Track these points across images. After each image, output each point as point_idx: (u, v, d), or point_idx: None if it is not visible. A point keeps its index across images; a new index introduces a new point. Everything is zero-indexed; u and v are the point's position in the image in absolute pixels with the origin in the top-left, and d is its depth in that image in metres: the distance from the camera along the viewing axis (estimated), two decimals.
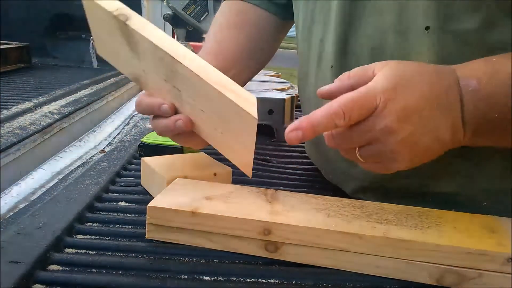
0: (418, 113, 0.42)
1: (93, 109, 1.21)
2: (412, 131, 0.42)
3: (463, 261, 0.41)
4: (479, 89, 0.42)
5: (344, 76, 0.45)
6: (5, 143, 0.78)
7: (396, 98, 0.41)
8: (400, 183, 0.54)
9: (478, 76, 0.43)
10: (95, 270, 0.42)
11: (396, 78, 0.42)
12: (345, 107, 0.40)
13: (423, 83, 0.42)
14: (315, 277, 0.43)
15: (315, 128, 0.41)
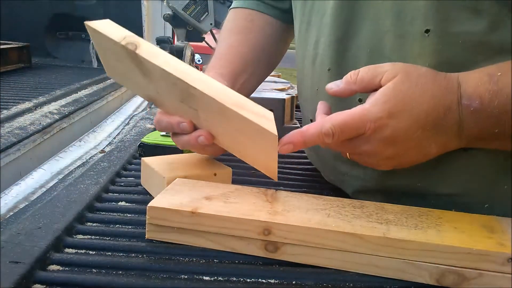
0: (408, 137, 0.44)
1: (93, 109, 1.21)
2: (398, 151, 0.45)
3: (463, 261, 0.41)
4: (480, 109, 0.43)
5: (351, 79, 0.46)
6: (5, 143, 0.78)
7: (387, 125, 0.43)
8: (401, 184, 0.54)
9: (481, 95, 0.43)
10: (95, 270, 0.42)
11: (394, 102, 0.43)
12: (336, 128, 0.44)
13: (422, 107, 0.43)
14: (315, 277, 0.42)
15: (306, 144, 0.46)
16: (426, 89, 0.44)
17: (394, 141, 0.44)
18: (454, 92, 0.44)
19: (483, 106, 0.43)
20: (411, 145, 0.45)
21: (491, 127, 0.44)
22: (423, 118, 0.43)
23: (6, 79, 1.42)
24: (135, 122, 1.02)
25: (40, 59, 1.86)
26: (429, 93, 0.43)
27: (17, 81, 1.43)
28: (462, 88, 0.44)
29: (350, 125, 0.44)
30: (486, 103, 0.43)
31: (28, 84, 1.39)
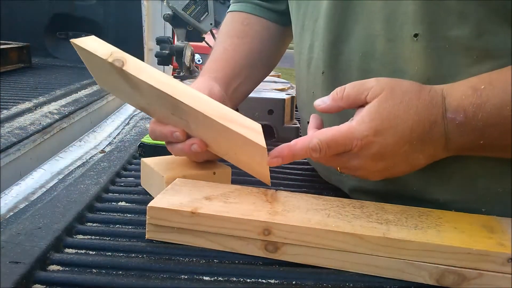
0: (395, 152, 0.45)
1: (93, 109, 1.21)
2: (387, 165, 0.47)
3: (463, 261, 0.41)
4: (465, 122, 0.44)
5: (337, 96, 0.47)
6: (5, 143, 0.78)
7: (374, 142, 0.45)
8: (397, 188, 0.54)
9: (465, 108, 0.44)
10: (95, 270, 0.42)
11: (379, 120, 0.45)
12: (323, 144, 0.46)
13: (407, 123, 0.44)
14: (315, 277, 0.42)
15: (295, 157, 0.48)
16: (411, 105, 0.45)
17: (382, 156, 0.46)
18: (439, 106, 0.45)
19: (468, 119, 0.44)
20: (399, 159, 0.46)
21: (476, 139, 0.45)
22: (408, 134, 0.45)
23: (6, 79, 1.42)
24: (135, 122, 1.02)
25: (40, 59, 1.86)
26: (414, 109, 0.45)
27: (17, 81, 1.43)
28: (447, 101, 0.45)
29: (337, 142, 0.45)
30: (470, 116, 0.44)
31: (28, 84, 1.39)
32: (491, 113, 0.43)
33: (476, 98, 0.44)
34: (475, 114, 0.44)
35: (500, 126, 0.44)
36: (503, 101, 0.43)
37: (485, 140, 0.45)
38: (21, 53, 1.70)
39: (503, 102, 0.43)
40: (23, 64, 1.70)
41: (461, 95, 0.45)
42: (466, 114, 0.44)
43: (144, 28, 1.81)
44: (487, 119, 0.44)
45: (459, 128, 0.45)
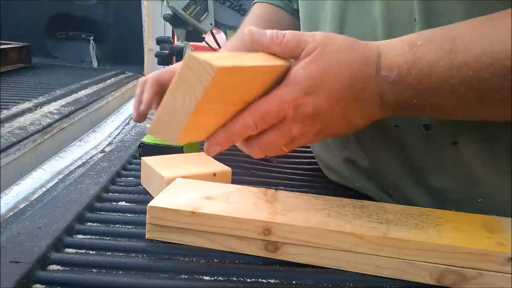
0: (329, 112, 0.43)
1: (93, 109, 1.21)
2: (324, 125, 0.44)
3: (463, 261, 0.41)
4: (398, 80, 0.43)
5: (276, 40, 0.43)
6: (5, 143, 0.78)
7: (306, 103, 0.42)
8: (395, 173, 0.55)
9: (399, 65, 0.42)
10: (95, 270, 0.42)
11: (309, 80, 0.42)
12: (258, 119, 0.42)
13: (338, 82, 0.42)
14: (315, 277, 0.43)
15: (231, 141, 0.44)
16: (344, 63, 0.42)
17: (318, 117, 0.43)
18: (372, 64, 0.43)
19: (401, 77, 0.42)
20: (335, 119, 0.44)
21: (409, 97, 0.43)
22: (340, 93, 0.42)
23: (6, 79, 1.42)
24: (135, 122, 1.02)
25: (40, 59, 1.86)
26: (347, 67, 0.42)
27: (17, 81, 1.43)
28: (382, 59, 0.43)
29: (269, 112, 0.42)
30: (404, 74, 0.42)
31: (28, 84, 1.39)
32: (424, 70, 0.42)
33: (412, 54, 0.42)
34: (408, 71, 0.42)
35: (433, 84, 0.42)
36: (438, 58, 0.41)
37: (418, 99, 0.43)
38: (21, 53, 1.70)
39: (437, 59, 0.41)
40: (23, 64, 1.70)
41: (396, 52, 0.43)
42: (399, 72, 0.42)
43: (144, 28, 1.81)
44: (420, 76, 0.42)
45: (392, 87, 0.43)
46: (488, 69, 0.40)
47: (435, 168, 0.52)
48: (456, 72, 0.41)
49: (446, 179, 0.52)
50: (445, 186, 0.52)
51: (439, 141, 0.51)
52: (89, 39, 1.89)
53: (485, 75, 0.40)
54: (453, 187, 0.52)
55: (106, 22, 1.94)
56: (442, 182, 0.52)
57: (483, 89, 0.40)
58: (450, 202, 0.52)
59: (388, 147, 0.55)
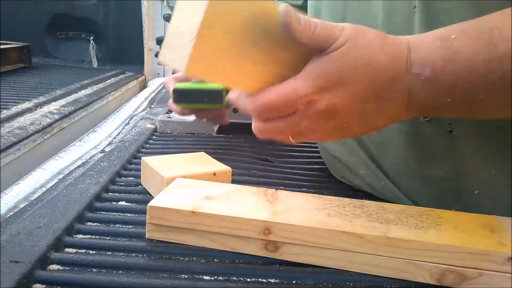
0: (347, 111, 0.41)
1: (93, 109, 1.21)
2: (339, 124, 0.42)
3: (464, 261, 0.41)
4: (432, 78, 0.39)
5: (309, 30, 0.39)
6: (5, 143, 0.78)
7: (319, 100, 0.40)
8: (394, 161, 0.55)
9: (433, 62, 0.39)
10: (95, 270, 0.42)
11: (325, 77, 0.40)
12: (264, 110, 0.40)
13: (361, 80, 0.40)
14: (315, 276, 0.42)
15: None
16: (371, 60, 0.40)
17: (332, 114, 0.41)
18: (402, 60, 0.40)
19: (436, 74, 0.39)
20: (352, 118, 0.41)
21: (443, 96, 0.40)
22: (361, 91, 0.40)
23: (6, 79, 1.42)
24: (135, 122, 1.02)
25: (40, 59, 1.86)
26: (374, 64, 0.40)
27: (17, 81, 1.43)
28: (412, 55, 0.40)
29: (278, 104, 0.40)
30: (439, 70, 0.39)
31: (28, 84, 1.39)
32: (461, 65, 0.39)
33: (446, 49, 0.39)
34: (444, 67, 0.39)
35: (471, 79, 0.39)
36: (476, 51, 0.38)
37: (452, 99, 0.40)
38: (21, 53, 1.70)
39: (475, 52, 0.38)
40: (23, 64, 1.70)
41: (428, 47, 0.40)
42: (434, 69, 0.39)
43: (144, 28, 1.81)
44: (458, 71, 0.39)
45: (425, 85, 0.40)
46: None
47: (431, 157, 0.52)
48: (496, 64, 0.37)
49: (443, 168, 0.51)
50: (442, 176, 0.52)
51: (436, 130, 0.50)
52: (89, 39, 1.89)
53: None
54: (450, 177, 0.51)
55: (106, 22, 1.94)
56: (439, 172, 0.52)
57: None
58: (447, 193, 0.52)
59: (385, 135, 0.54)
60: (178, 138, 0.91)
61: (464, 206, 0.51)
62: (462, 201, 0.50)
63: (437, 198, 0.53)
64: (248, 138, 0.91)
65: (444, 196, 0.52)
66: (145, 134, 0.91)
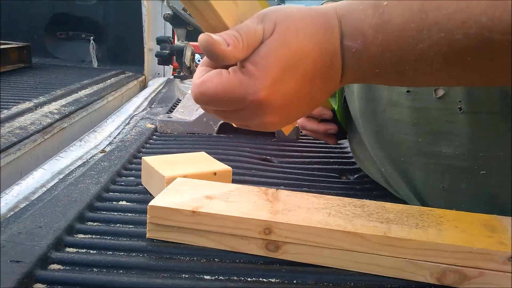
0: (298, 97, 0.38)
1: (93, 109, 1.21)
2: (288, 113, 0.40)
3: (464, 260, 0.41)
4: (362, 49, 0.37)
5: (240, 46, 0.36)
6: (5, 143, 0.78)
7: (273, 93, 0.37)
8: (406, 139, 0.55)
9: (364, 32, 0.37)
10: (95, 270, 0.42)
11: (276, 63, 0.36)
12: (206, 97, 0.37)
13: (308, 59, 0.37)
14: (316, 276, 0.43)
15: None
16: (309, 34, 0.37)
17: (286, 107, 0.38)
18: (336, 32, 0.37)
19: (366, 45, 0.37)
20: (302, 102, 0.39)
21: (370, 67, 0.38)
22: (310, 71, 0.37)
23: (6, 79, 1.42)
24: (136, 122, 1.02)
25: (40, 59, 1.86)
26: (313, 39, 0.37)
27: (17, 81, 1.43)
28: (343, 24, 0.38)
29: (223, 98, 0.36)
30: (369, 42, 0.37)
31: (28, 84, 1.39)
32: (392, 35, 0.36)
33: (377, 18, 0.37)
34: (374, 38, 0.37)
35: (400, 50, 0.37)
36: (407, 19, 0.36)
37: (380, 68, 0.38)
38: (21, 53, 1.70)
39: (406, 20, 0.36)
40: (23, 64, 1.70)
41: (358, 16, 0.37)
42: (364, 40, 0.37)
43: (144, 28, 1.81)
44: (387, 43, 0.37)
45: (356, 57, 0.38)
46: (461, 29, 0.35)
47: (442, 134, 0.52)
48: (426, 34, 0.36)
49: (452, 146, 0.51)
50: (451, 153, 0.51)
51: (447, 107, 0.50)
52: (89, 39, 1.89)
53: (458, 35, 0.35)
54: (458, 155, 0.51)
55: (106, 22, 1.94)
56: (448, 149, 0.51)
57: (454, 52, 0.36)
58: (454, 171, 0.52)
59: (396, 111, 0.54)
60: (178, 138, 0.92)
61: (469, 186, 0.51)
62: (468, 180, 0.50)
63: (443, 176, 0.53)
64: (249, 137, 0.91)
65: (451, 175, 0.52)
66: (145, 134, 0.91)
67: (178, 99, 1.29)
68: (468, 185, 0.51)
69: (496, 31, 0.34)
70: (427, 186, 0.55)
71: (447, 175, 0.53)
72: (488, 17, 0.34)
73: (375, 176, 0.69)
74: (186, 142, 0.89)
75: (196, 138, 0.91)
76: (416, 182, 0.56)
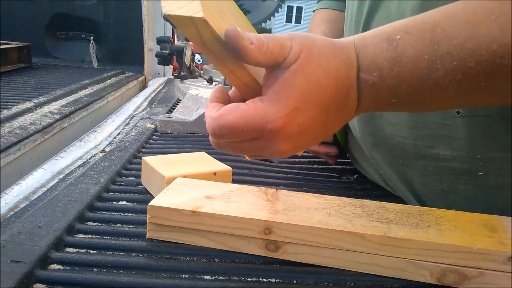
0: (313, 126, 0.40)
1: (93, 109, 1.21)
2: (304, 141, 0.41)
3: (464, 260, 0.41)
4: (379, 82, 0.39)
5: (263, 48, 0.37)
6: (5, 143, 0.78)
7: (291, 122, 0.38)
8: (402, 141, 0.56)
9: (380, 66, 0.39)
10: (96, 270, 0.42)
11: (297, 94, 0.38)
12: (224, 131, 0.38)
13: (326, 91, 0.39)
14: (315, 276, 0.43)
15: None
16: (329, 69, 0.38)
17: (301, 134, 0.39)
18: (353, 66, 0.39)
19: (382, 78, 0.39)
20: (317, 131, 0.41)
21: (388, 98, 0.40)
22: (327, 103, 0.39)
23: (6, 79, 1.42)
24: (136, 122, 1.02)
25: (40, 59, 1.86)
26: (332, 73, 0.39)
27: (17, 81, 1.43)
28: (360, 59, 0.39)
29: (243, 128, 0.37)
30: (385, 74, 0.39)
31: (28, 84, 1.39)
32: (406, 67, 0.38)
33: (392, 51, 0.38)
34: (390, 70, 0.38)
35: (415, 80, 0.38)
36: (420, 51, 0.38)
37: (397, 99, 0.40)
38: (21, 53, 1.70)
39: (420, 52, 0.38)
40: (23, 64, 1.70)
41: (374, 50, 0.39)
42: (380, 73, 0.39)
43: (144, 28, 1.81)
44: (402, 75, 0.38)
45: (372, 89, 0.39)
46: (473, 57, 0.36)
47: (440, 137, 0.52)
48: (440, 64, 0.37)
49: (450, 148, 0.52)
50: (449, 156, 0.52)
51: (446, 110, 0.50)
52: (89, 39, 1.89)
53: (470, 63, 0.37)
54: (456, 157, 0.52)
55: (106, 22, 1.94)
56: (446, 152, 0.52)
57: (467, 79, 0.37)
58: (452, 173, 0.52)
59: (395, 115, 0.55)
60: (178, 138, 0.92)
61: (467, 187, 0.51)
62: (466, 182, 0.50)
63: (441, 178, 0.53)
64: None
65: (449, 176, 0.53)
66: (145, 134, 0.91)
67: (178, 99, 1.29)
68: (466, 186, 0.52)
69: (507, 57, 0.36)
70: (425, 188, 0.56)
71: (445, 177, 0.53)
72: (498, 44, 0.36)
73: (373, 178, 0.69)
74: (186, 142, 0.89)
75: (196, 138, 0.91)
76: (415, 184, 0.57)
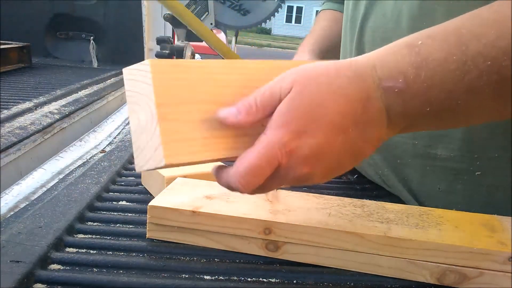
0: (331, 147, 0.38)
1: (93, 109, 1.21)
2: (329, 164, 0.39)
3: (464, 260, 0.41)
4: (406, 88, 0.37)
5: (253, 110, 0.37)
6: (5, 142, 0.78)
7: (300, 145, 0.37)
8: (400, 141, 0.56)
9: (404, 71, 0.37)
10: (96, 269, 0.42)
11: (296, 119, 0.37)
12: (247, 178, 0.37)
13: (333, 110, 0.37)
14: (316, 276, 0.42)
15: None
16: (332, 89, 0.37)
17: (318, 156, 0.38)
18: (368, 77, 0.38)
19: (409, 83, 0.37)
20: (340, 153, 0.39)
21: (421, 105, 0.37)
22: (339, 122, 0.37)
23: (6, 79, 1.42)
24: None
25: (40, 59, 1.86)
26: (338, 91, 0.37)
27: (17, 81, 1.43)
28: (378, 69, 0.38)
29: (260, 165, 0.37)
30: (411, 79, 0.36)
31: (28, 84, 1.39)
32: (435, 70, 0.36)
33: (415, 56, 0.37)
34: (416, 75, 0.36)
35: (447, 84, 0.36)
36: (446, 52, 0.36)
37: (431, 106, 0.37)
38: (21, 53, 1.70)
39: (446, 54, 0.36)
40: (23, 64, 1.70)
41: (395, 58, 0.37)
42: (406, 78, 0.37)
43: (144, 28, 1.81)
44: (432, 78, 0.36)
45: (400, 97, 0.37)
46: (507, 54, 0.34)
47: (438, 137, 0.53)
48: (472, 64, 0.35)
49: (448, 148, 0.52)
50: (447, 156, 0.53)
51: None
52: (89, 39, 1.89)
53: (505, 61, 0.34)
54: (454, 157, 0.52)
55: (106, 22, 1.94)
56: (443, 152, 0.53)
57: (504, 80, 0.35)
58: (448, 172, 0.53)
59: None
60: None
61: (465, 187, 0.52)
62: (464, 181, 0.51)
63: (439, 178, 0.53)
64: None
65: (447, 176, 0.53)
66: None
67: None
68: (464, 186, 0.52)
69: None
70: (423, 188, 0.56)
71: (443, 176, 0.53)
72: None
73: (373, 178, 0.69)
74: None
75: None
76: (413, 184, 0.57)
